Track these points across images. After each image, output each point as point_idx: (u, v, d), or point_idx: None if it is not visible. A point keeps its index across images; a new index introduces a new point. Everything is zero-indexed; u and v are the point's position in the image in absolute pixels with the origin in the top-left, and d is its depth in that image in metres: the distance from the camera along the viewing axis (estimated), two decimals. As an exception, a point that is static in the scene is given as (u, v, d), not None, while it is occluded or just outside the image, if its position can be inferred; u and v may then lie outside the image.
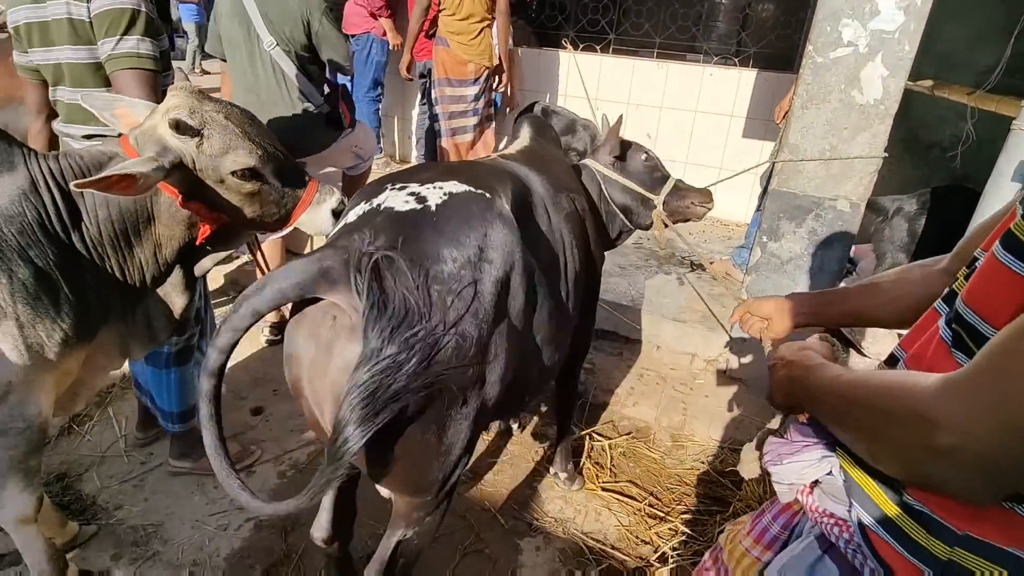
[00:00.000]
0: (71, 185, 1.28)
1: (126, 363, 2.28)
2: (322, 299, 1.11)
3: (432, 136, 4.73)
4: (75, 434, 2.38)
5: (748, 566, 1.01)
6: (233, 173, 1.48)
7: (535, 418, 2.69)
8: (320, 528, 1.55)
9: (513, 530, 2.12)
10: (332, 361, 1.10)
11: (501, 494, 2.27)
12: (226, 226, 1.58)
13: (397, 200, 1.21)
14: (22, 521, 1.57)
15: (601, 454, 2.50)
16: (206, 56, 9.21)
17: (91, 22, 1.75)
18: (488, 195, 1.28)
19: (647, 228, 2.28)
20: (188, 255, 1.65)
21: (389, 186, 1.28)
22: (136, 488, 2.16)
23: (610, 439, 2.58)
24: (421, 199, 1.21)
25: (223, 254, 1.76)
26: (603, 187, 2.18)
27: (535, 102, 4.21)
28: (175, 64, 1.92)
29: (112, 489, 2.15)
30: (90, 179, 1.26)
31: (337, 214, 1.66)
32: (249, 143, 1.49)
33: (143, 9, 1.76)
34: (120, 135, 1.49)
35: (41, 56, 1.86)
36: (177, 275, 1.67)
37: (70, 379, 1.58)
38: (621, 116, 2.25)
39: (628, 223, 2.24)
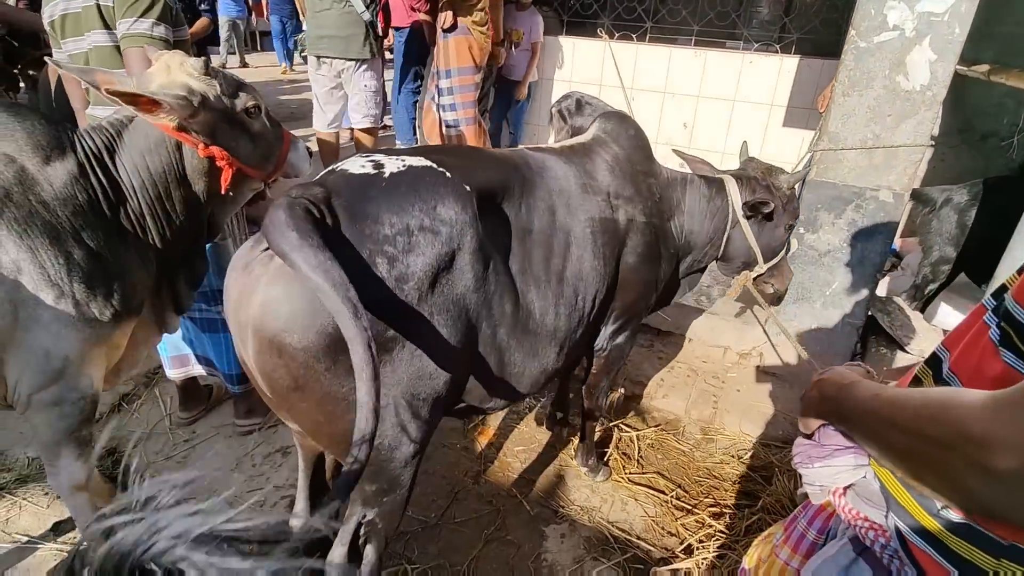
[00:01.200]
0: (103, 89, 1.39)
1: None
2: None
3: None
4: (124, 412, 2.52)
5: None
6: (246, 111, 1.64)
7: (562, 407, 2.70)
8: (299, 514, 1.56)
9: (539, 517, 2.14)
10: (254, 296, 1.15)
11: (528, 481, 2.30)
12: (240, 172, 1.69)
13: (355, 165, 1.26)
14: (75, 488, 1.68)
15: (629, 445, 2.49)
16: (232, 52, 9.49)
17: (113, 6, 1.89)
18: (448, 174, 1.28)
19: (726, 275, 2.21)
20: (210, 218, 1.79)
21: (361, 155, 1.32)
22: (180, 464, 2.27)
23: (638, 431, 2.57)
24: (378, 166, 1.25)
25: (235, 209, 1.91)
26: (728, 226, 1.99)
27: (570, 92, 4.19)
28: (214, 58, 2.05)
29: (158, 464, 2.26)
30: (125, 89, 1.38)
31: (310, 152, 1.87)
32: (250, 87, 1.67)
33: None
34: None
35: (74, 46, 2.00)
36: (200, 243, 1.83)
37: (119, 353, 1.68)
38: (806, 172, 2.08)
39: (715, 263, 2.12)
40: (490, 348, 1.37)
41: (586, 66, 5.16)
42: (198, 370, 2.37)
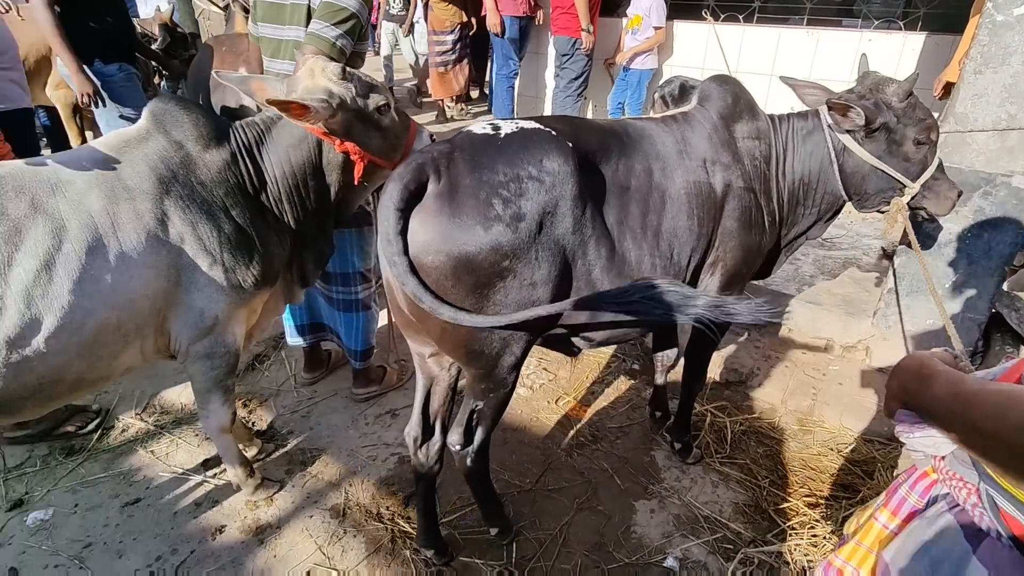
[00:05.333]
0: (264, 100, 1.62)
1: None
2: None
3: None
4: (257, 371, 2.84)
5: (884, 540, 0.97)
6: (377, 109, 1.80)
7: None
8: (412, 427, 1.85)
9: (629, 491, 2.21)
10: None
11: (619, 458, 2.36)
12: (372, 164, 1.86)
13: (478, 127, 1.51)
14: (222, 430, 1.95)
15: (721, 431, 2.49)
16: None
17: (316, 7, 2.09)
18: (554, 134, 1.49)
19: (870, 211, 1.95)
20: (341, 205, 1.97)
21: (484, 120, 1.55)
22: (304, 419, 2.54)
23: (732, 417, 2.56)
24: (496, 128, 1.49)
25: (364, 197, 2.08)
26: (833, 157, 1.82)
27: (672, 77, 4.14)
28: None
29: (285, 417, 2.54)
30: (280, 99, 1.59)
31: (433, 139, 1.99)
32: (381, 87, 1.83)
33: (359, 17, 2.09)
34: None
35: (270, 31, 2.26)
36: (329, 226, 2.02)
37: (255, 317, 1.93)
38: (915, 75, 1.78)
39: (849, 201, 1.91)
40: (584, 284, 1.55)
41: (689, 50, 5.05)
42: (325, 341, 2.65)
